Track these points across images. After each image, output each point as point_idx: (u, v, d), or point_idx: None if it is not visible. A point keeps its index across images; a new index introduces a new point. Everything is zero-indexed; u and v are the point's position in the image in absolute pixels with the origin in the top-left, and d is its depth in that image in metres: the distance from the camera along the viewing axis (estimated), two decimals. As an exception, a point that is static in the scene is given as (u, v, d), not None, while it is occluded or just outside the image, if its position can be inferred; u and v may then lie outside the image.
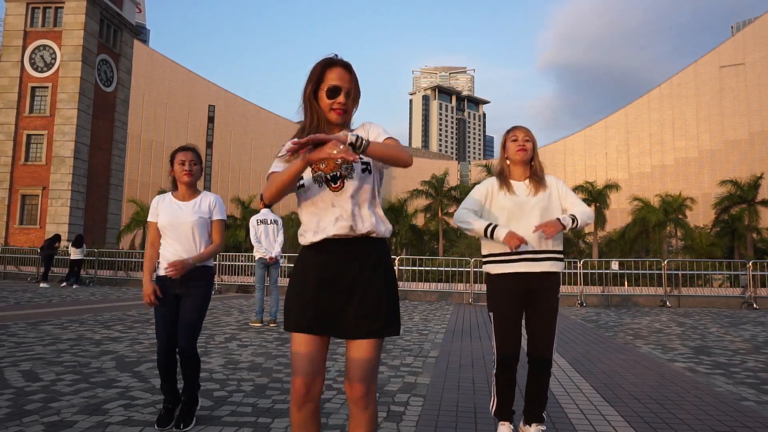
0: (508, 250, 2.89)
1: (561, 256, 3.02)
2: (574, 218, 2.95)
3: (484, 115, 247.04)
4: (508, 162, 3.04)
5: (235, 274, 17.19)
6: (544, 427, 3.06)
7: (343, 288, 1.94)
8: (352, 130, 2.06)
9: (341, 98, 1.95)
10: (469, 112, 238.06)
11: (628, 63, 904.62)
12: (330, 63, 1.99)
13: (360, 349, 1.94)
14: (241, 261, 17.10)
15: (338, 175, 1.95)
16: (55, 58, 37.89)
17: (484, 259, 3.07)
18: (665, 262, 14.65)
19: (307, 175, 1.96)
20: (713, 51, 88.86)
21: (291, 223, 36.36)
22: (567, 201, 3.07)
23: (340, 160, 1.86)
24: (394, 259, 15.08)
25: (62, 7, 38.33)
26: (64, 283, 16.31)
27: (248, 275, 16.49)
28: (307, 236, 1.99)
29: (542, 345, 2.98)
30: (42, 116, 37.61)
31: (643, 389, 4.50)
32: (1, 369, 4.79)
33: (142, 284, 3.40)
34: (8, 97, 37.67)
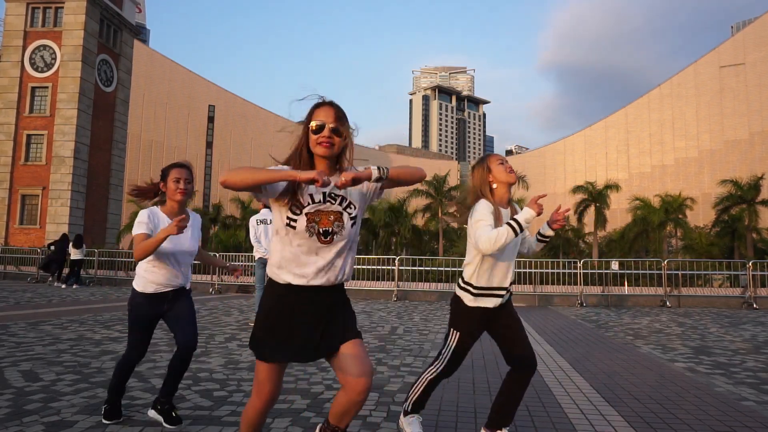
0: (494, 285, 2.95)
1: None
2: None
3: (484, 115, 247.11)
4: (494, 186, 3.01)
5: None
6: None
7: (318, 322, 2.13)
8: (346, 169, 2.18)
9: (326, 132, 2.08)
10: (469, 112, 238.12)
11: (628, 63, 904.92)
12: (317, 105, 2.16)
13: (355, 346, 2.12)
14: (241, 261, 17.12)
15: (330, 230, 2.09)
16: (55, 58, 37.90)
17: (464, 286, 2.99)
18: (665, 262, 14.64)
19: (302, 221, 2.07)
20: (713, 51, 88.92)
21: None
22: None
23: (333, 217, 2.09)
24: (394, 259, 15.20)
25: (62, 7, 38.34)
26: (64, 285, 16.32)
27: (248, 275, 16.48)
28: (285, 276, 2.11)
29: (528, 345, 3.02)
30: (42, 116, 37.62)
31: (643, 389, 4.50)
32: (1, 369, 4.79)
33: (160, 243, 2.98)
34: (8, 97, 37.68)
